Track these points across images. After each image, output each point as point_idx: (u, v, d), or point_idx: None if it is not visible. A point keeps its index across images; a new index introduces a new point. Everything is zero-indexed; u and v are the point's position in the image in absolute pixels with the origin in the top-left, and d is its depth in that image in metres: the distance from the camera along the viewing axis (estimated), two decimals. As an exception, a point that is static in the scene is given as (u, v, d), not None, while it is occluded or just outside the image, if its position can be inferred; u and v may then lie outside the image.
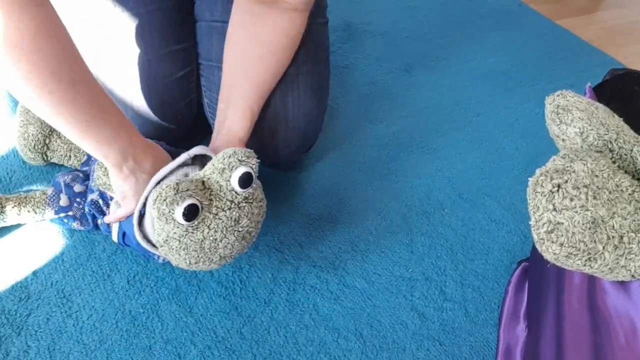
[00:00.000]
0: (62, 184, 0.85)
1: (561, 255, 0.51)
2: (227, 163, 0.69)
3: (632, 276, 0.51)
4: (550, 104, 0.62)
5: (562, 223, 0.50)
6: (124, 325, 0.77)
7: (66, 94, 0.60)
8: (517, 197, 1.05)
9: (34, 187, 0.93)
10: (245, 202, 0.71)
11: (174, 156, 0.77)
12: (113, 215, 0.80)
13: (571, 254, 0.51)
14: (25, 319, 0.76)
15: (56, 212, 0.84)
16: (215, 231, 0.69)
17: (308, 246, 0.91)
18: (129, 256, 0.85)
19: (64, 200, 0.85)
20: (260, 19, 0.83)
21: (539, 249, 0.53)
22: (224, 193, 0.69)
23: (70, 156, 0.93)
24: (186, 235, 0.68)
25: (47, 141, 0.92)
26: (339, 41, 1.45)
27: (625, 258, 0.50)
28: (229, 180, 0.69)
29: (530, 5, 1.73)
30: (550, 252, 0.52)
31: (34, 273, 0.81)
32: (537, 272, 0.78)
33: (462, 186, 1.06)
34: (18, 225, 0.87)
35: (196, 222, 0.68)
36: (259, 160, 0.72)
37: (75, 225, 0.85)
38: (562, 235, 0.50)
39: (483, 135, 1.19)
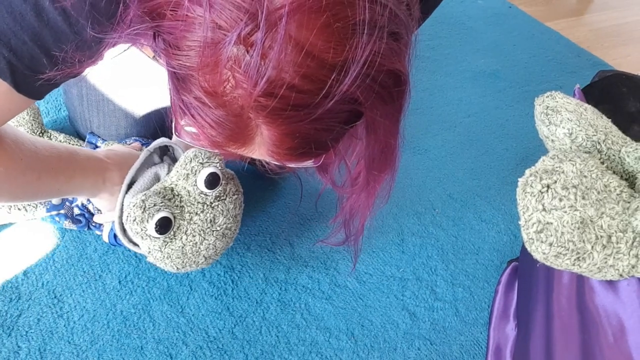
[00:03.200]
0: None
1: (550, 255, 0.52)
2: (190, 168, 0.69)
3: (620, 275, 0.51)
4: (539, 105, 0.63)
5: (551, 223, 0.51)
6: (116, 325, 0.77)
7: (37, 188, 0.66)
8: (507, 197, 1.05)
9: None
10: (218, 201, 0.71)
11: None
12: (102, 217, 0.80)
13: (560, 253, 0.51)
14: (15, 320, 0.76)
15: (48, 210, 0.84)
16: (194, 236, 0.69)
17: (300, 246, 0.91)
18: (120, 256, 0.85)
19: (55, 199, 0.84)
20: None
21: (529, 249, 0.54)
22: (194, 197, 0.70)
23: None
24: (165, 245, 0.69)
25: None
26: (330, 42, 1.45)
27: (614, 257, 0.50)
28: (195, 185, 0.69)
29: (519, 7, 1.74)
30: (539, 251, 0.53)
31: (25, 273, 0.81)
32: (526, 272, 0.78)
33: (452, 186, 1.07)
34: (8, 225, 0.86)
35: (172, 232, 0.68)
36: (222, 158, 0.71)
37: (66, 223, 0.85)
38: (551, 235, 0.51)
39: (473, 136, 1.20)
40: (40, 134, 0.91)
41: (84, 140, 0.94)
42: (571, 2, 1.88)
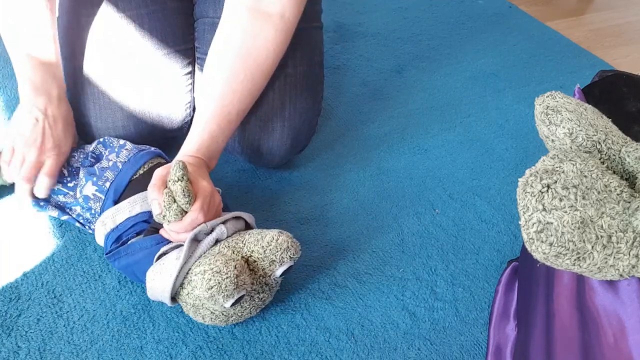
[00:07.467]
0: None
1: (550, 255, 0.52)
2: (279, 258, 0.72)
3: (621, 275, 0.51)
4: (539, 105, 0.63)
5: (552, 223, 0.51)
6: (115, 325, 0.77)
7: None
8: (507, 197, 1.05)
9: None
10: (276, 284, 0.77)
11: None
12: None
13: (560, 253, 0.51)
14: (15, 320, 0.76)
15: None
16: (245, 309, 0.74)
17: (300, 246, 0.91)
18: (120, 256, 0.85)
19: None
20: (251, 32, 0.82)
21: (529, 249, 0.54)
22: (265, 279, 0.74)
23: None
24: (221, 311, 0.72)
25: None
26: (330, 42, 1.45)
27: (614, 257, 0.50)
28: (273, 272, 0.73)
29: (520, 7, 1.74)
30: (539, 251, 0.52)
31: (24, 273, 0.81)
32: (526, 272, 0.78)
33: (452, 186, 1.07)
34: (8, 225, 0.86)
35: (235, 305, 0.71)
36: (300, 251, 0.76)
37: (50, 209, 0.85)
38: (551, 235, 0.51)
39: (473, 135, 1.20)
40: None
41: (81, 136, 0.95)
42: (571, 2, 1.88)
